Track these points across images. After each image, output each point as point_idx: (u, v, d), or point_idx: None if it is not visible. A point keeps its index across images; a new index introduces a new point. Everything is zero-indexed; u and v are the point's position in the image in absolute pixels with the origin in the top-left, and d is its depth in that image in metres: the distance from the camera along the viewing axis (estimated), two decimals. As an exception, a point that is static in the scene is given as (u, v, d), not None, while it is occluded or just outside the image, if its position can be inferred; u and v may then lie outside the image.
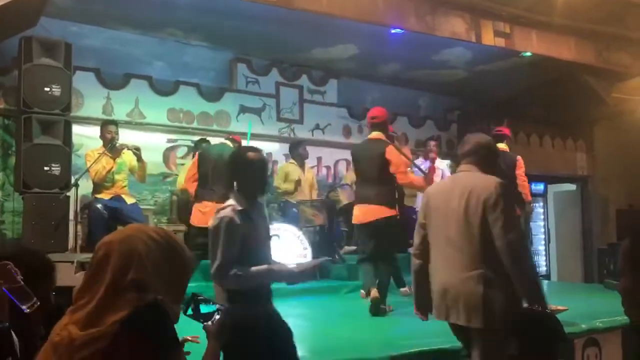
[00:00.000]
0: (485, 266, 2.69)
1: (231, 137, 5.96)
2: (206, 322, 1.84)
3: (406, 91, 9.33)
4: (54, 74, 5.63)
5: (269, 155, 8.22)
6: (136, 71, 7.33)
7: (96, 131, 6.10)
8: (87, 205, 5.84)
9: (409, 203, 7.02)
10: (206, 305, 1.85)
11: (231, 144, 5.78)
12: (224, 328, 1.85)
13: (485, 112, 9.31)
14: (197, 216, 5.50)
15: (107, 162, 5.73)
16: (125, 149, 5.86)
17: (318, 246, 6.99)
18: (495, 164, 2.92)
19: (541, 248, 10.59)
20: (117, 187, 5.86)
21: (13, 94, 6.12)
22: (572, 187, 10.81)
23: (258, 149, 2.88)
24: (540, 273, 8.01)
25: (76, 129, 6.20)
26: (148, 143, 6.98)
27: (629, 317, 1.90)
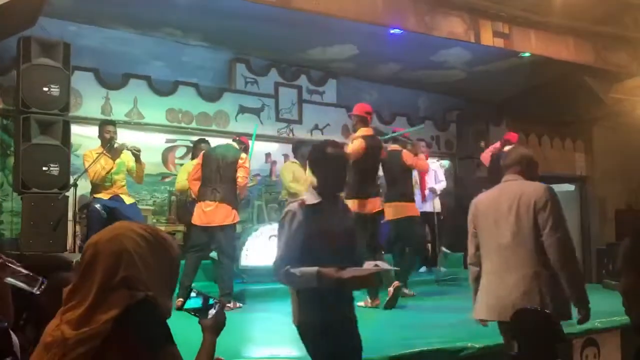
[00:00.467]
0: (537, 266, 2.86)
1: (238, 139, 5.88)
2: (203, 317, 1.83)
3: (405, 91, 9.33)
4: (53, 74, 5.62)
5: (268, 155, 8.23)
6: (135, 71, 7.31)
7: (95, 131, 6.09)
8: (86, 205, 5.84)
9: None
10: (203, 299, 1.85)
11: (237, 145, 5.74)
12: (220, 322, 1.83)
13: (484, 113, 9.31)
14: (199, 215, 5.46)
15: (107, 163, 5.70)
16: (124, 149, 5.84)
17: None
18: (537, 173, 3.15)
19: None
20: (116, 187, 5.85)
21: (11, 94, 6.11)
22: (571, 188, 10.81)
23: (338, 144, 2.75)
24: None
25: (75, 129, 6.19)
26: (147, 143, 6.97)
27: (630, 317, 1.90)
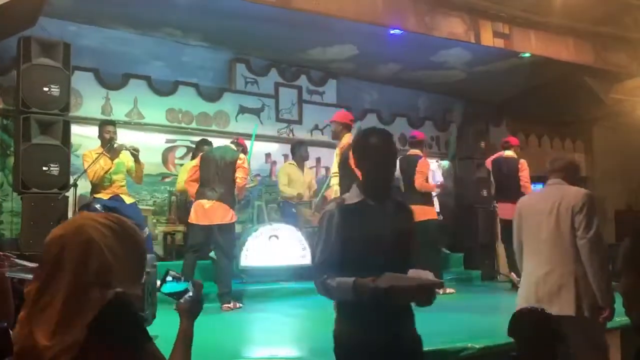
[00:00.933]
0: (573, 264, 3.15)
1: (236, 141, 5.89)
2: (179, 300, 1.79)
3: (405, 92, 9.33)
4: (53, 74, 5.62)
5: (268, 155, 8.23)
6: (135, 71, 7.31)
7: (95, 131, 6.09)
8: (86, 205, 5.82)
9: None
10: (178, 283, 1.81)
11: (235, 147, 5.75)
12: (196, 305, 1.79)
13: (484, 113, 9.31)
14: (197, 214, 5.43)
15: (105, 163, 5.71)
16: (123, 149, 5.84)
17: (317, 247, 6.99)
18: (579, 178, 3.45)
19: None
20: (116, 187, 5.85)
21: (12, 94, 6.11)
22: (571, 188, 10.81)
23: (384, 132, 2.34)
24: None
25: (75, 129, 6.19)
26: (147, 143, 6.98)
27: (630, 318, 1.90)
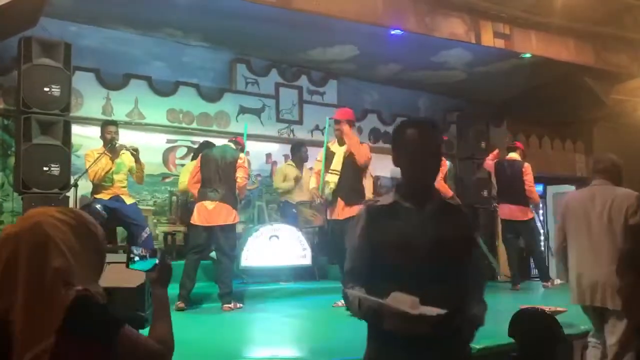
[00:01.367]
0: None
1: (235, 140, 5.90)
2: (149, 272, 1.74)
3: (405, 92, 9.33)
4: (54, 74, 5.63)
5: (269, 156, 8.24)
6: (136, 71, 7.32)
7: (95, 131, 6.10)
8: (87, 205, 5.83)
9: None
10: (145, 261, 1.75)
11: (234, 146, 5.76)
12: (164, 272, 1.73)
13: (484, 113, 9.31)
14: (200, 215, 5.42)
15: (106, 163, 5.71)
16: (124, 150, 5.85)
17: (317, 247, 7.00)
18: (622, 179, 3.64)
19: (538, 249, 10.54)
20: (117, 188, 5.85)
21: (12, 94, 6.11)
22: (571, 188, 10.78)
23: (424, 123, 2.01)
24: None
25: (75, 129, 6.20)
26: (148, 143, 6.99)
27: (629, 319, 1.91)
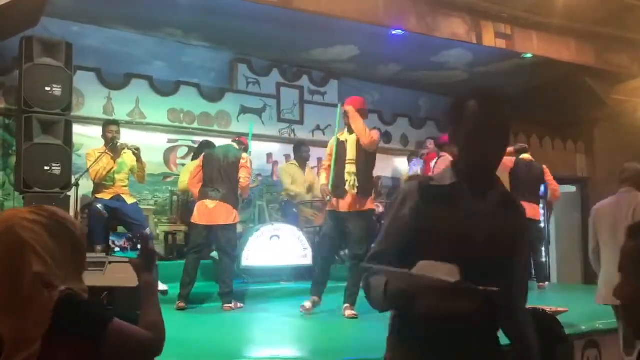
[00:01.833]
0: None
1: (238, 139, 5.87)
2: (133, 258, 1.73)
3: (406, 92, 9.33)
4: (55, 74, 5.63)
5: (270, 155, 8.24)
6: (137, 71, 7.33)
7: (97, 131, 6.10)
8: (88, 205, 5.85)
9: None
10: (124, 253, 1.78)
11: (237, 146, 5.75)
12: (147, 256, 1.68)
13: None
14: (200, 214, 5.40)
15: (108, 163, 5.70)
16: (125, 149, 5.85)
17: (318, 247, 6.98)
18: None
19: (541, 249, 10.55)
20: (118, 187, 5.84)
21: (14, 94, 6.13)
22: (572, 189, 10.80)
23: (496, 92, 1.64)
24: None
25: (77, 129, 6.21)
26: (149, 143, 6.99)
27: (627, 321, 1.90)
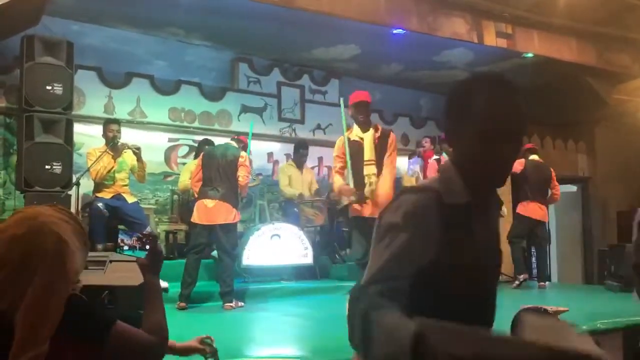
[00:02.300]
0: None
1: (237, 138, 5.87)
2: (140, 258, 1.78)
3: (408, 92, 9.33)
4: (56, 73, 5.63)
5: (270, 155, 8.24)
6: (138, 70, 7.34)
7: (97, 130, 6.11)
8: (88, 204, 5.85)
9: None
10: (132, 252, 1.81)
11: (236, 144, 5.75)
12: (155, 257, 1.75)
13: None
14: (200, 213, 5.39)
15: (108, 162, 5.72)
16: (126, 148, 5.86)
17: (319, 246, 7.00)
18: None
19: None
20: (118, 186, 5.85)
21: (15, 93, 6.13)
22: (573, 189, 10.79)
23: (501, 78, 1.36)
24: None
25: (78, 128, 6.21)
26: (149, 142, 7.00)
27: None
